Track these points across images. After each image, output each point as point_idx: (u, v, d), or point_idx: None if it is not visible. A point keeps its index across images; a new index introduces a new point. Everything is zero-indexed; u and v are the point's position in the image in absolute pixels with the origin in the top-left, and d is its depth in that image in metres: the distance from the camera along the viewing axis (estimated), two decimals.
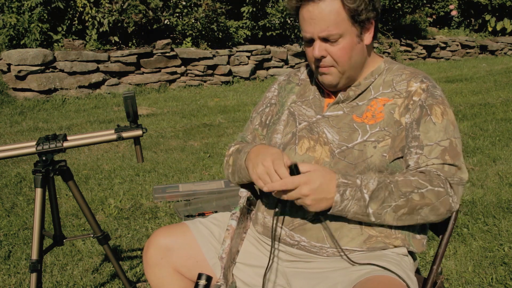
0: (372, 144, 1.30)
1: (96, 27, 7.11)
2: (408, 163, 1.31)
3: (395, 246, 1.34)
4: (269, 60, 8.58)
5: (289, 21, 8.60)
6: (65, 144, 1.60)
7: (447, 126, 1.32)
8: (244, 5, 8.31)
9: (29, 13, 6.67)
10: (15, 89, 6.54)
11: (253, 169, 1.27)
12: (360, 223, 1.31)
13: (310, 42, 1.33)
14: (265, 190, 1.22)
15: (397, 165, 1.31)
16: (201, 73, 7.82)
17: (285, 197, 1.20)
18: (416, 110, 1.32)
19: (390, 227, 1.32)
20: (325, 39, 1.30)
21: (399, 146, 1.31)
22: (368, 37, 1.34)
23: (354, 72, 1.37)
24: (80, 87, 6.86)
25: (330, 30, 1.27)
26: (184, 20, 7.80)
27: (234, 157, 1.45)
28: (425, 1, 10.84)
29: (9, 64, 6.42)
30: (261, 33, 8.50)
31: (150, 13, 7.40)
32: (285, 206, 1.35)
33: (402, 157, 1.32)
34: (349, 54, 1.32)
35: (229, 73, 8.09)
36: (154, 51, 7.39)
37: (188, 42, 7.88)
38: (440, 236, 1.44)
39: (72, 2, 6.98)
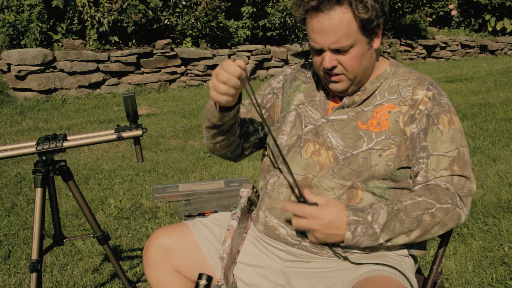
0: (377, 152, 1.29)
1: (95, 26, 7.10)
2: (417, 172, 1.30)
3: (395, 248, 1.34)
4: (269, 60, 8.57)
5: (289, 21, 8.59)
6: (65, 144, 1.60)
7: (454, 135, 1.30)
8: (244, 5, 8.30)
9: (29, 12, 6.66)
10: (15, 89, 6.54)
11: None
12: None
13: (319, 52, 1.29)
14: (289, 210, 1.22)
15: (402, 174, 1.30)
16: (201, 73, 7.81)
17: (294, 224, 1.21)
18: (423, 120, 1.30)
19: None
20: (335, 50, 1.26)
21: (404, 154, 1.30)
22: (377, 42, 1.32)
23: (364, 78, 1.35)
24: (80, 87, 6.86)
25: (341, 42, 1.24)
26: (184, 20, 7.79)
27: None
28: (425, 1, 10.82)
29: (9, 64, 6.41)
30: (261, 33, 8.49)
31: (150, 12, 7.39)
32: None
33: (407, 167, 1.31)
34: (359, 62, 1.29)
35: None
36: (154, 51, 7.38)
37: (188, 42, 7.87)
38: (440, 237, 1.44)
39: (71, 1, 6.97)
